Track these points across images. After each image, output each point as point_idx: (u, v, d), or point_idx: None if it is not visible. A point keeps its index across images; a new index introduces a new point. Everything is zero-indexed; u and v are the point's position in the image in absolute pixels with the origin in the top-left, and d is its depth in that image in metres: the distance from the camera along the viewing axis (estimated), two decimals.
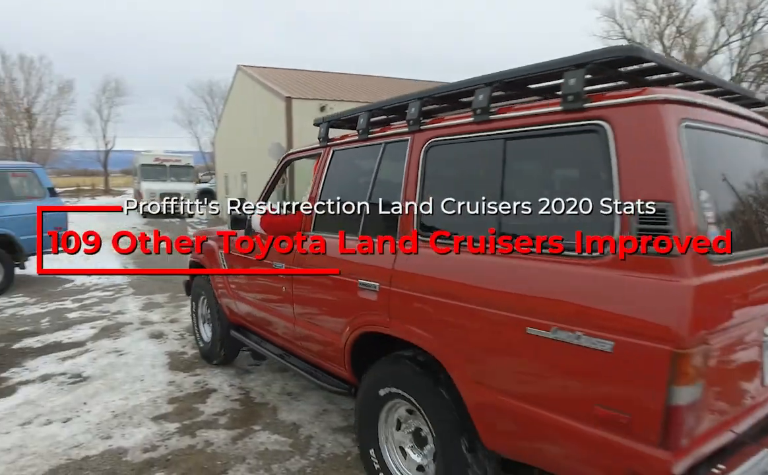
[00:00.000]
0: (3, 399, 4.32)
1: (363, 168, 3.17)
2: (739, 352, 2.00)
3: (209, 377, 4.73)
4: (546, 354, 1.98)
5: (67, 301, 7.69)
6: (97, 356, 5.26)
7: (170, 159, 26.46)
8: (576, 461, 1.99)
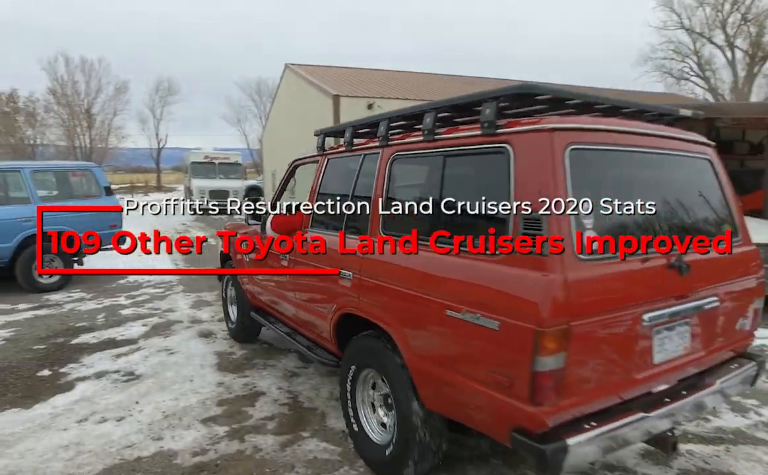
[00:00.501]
0: (62, 394, 4.45)
1: (347, 175, 3.69)
2: (612, 334, 2.40)
3: (258, 379, 4.74)
4: (458, 331, 2.52)
5: (121, 297, 7.92)
6: (149, 355, 5.36)
7: (219, 157, 27.12)
8: (482, 415, 2.54)
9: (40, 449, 3.59)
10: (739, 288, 3.01)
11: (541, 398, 2.21)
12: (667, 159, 2.89)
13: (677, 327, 2.68)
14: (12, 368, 5.06)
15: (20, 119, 43.48)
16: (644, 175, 2.81)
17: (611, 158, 2.61)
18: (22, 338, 5.98)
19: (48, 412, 4.13)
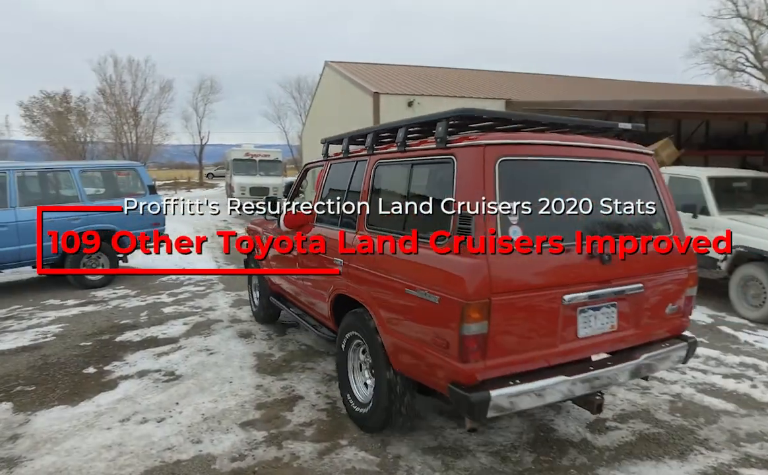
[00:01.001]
0: (106, 393, 4.56)
1: (344, 178, 4.36)
2: (531, 309, 2.93)
3: (296, 383, 4.73)
4: (413, 305, 3.15)
5: (163, 295, 8.09)
6: (189, 354, 5.44)
7: (259, 154, 27.48)
8: (430, 373, 3.12)
9: (84, 447, 3.67)
10: (668, 277, 3.50)
11: (469, 357, 2.81)
12: (600, 166, 3.43)
13: (603, 308, 3.21)
14: (60, 364, 5.22)
15: (72, 118, 45.23)
16: (575, 180, 3.31)
17: (539, 167, 3.18)
18: (69, 334, 6.17)
19: (93, 410, 4.22)
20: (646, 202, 3.50)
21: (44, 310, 7.30)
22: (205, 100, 58.55)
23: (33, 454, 3.62)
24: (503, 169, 2.94)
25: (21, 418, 4.14)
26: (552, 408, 4.22)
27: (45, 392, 4.60)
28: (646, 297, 3.36)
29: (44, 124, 45.04)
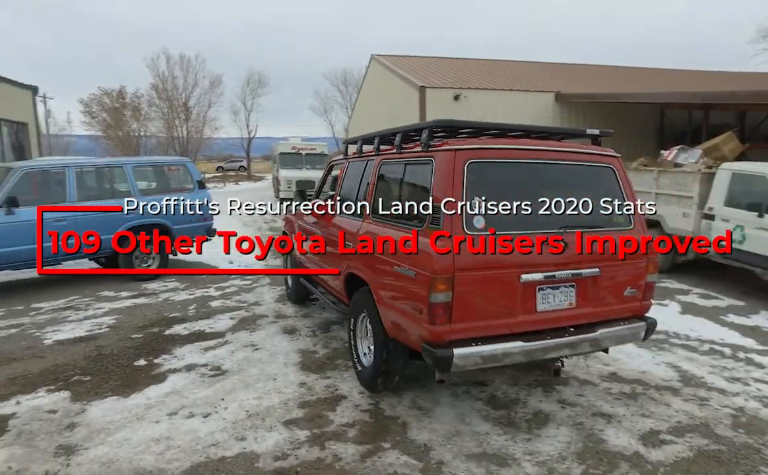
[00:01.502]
0: (155, 385, 4.69)
1: (358, 174, 5.12)
2: (491, 285, 3.53)
3: (339, 382, 4.74)
4: (399, 279, 3.79)
5: (211, 288, 8.28)
6: (235, 349, 5.54)
7: (306, 148, 27.78)
8: (410, 335, 3.75)
9: (135, 439, 3.79)
10: (626, 264, 3.94)
11: (436, 320, 3.44)
12: (564, 167, 3.98)
13: (562, 287, 3.75)
14: (113, 356, 5.41)
15: (127, 114, 46.96)
16: (538, 178, 3.88)
17: (503, 168, 3.79)
18: (122, 326, 6.39)
19: (143, 402, 4.35)
20: (609, 198, 3.99)
21: (99, 301, 7.59)
22: (253, 94, 59.66)
23: (88, 443, 3.77)
24: (471, 169, 3.61)
25: (77, 407, 4.32)
26: (602, 417, 4.09)
27: (99, 382, 4.78)
28: (602, 281, 3.88)
29: (102, 120, 46.89)
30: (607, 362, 5.23)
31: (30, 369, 5.13)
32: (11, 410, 4.30)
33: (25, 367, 5.19)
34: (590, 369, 5.04)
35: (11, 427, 4.04)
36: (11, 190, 7.58)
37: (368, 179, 4.81)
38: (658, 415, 4.15)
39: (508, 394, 4.50)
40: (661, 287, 8.25)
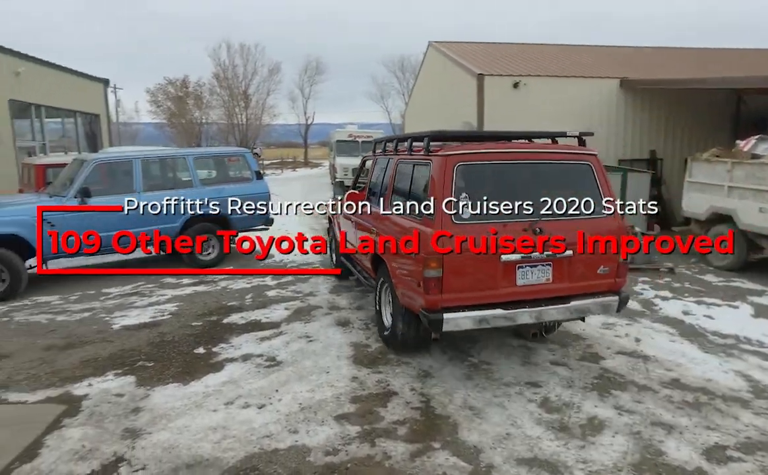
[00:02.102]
0: (213, 374, 4.90)
1: (382, 169, 6.11)
2: (475, 264, 4.31)
3: (391, 377, 4.79)
4: (405, 258, 4.63)
5: (267, 277, 8.51)
6: (290, 340, 5.69)
7: (362, 135, 27.95)
8: (413, 303, 4.58)
9: (194, 427, 3.97)
10: (598, 247, 4.59)
11: (430, 291, 4.29)
12: (543, 165, 4.79)
13: (539, 266, 4.50)
14: (175, 343, 5.68)
15: (190, 102, 48.65)
16: (521, 176, 4.68)
17: (489, 169, 4.63)
18: (183, 313, 6.68)
19: (201, 390, 4.56)
20: (586, 191, 4.70)
21: (163, 288, 7.96)
22: (310, 81, 60.56)
23: (151, 428, 3.98)
24: (459, 170, 4.46)
25: (142, 392, 4.57)
26: (662, 427, 3.95)
27: (162, 369, 5.03)
28: (576, 261, 4.58)
29: (166, 108, 48.77)
30: (669, 366, 5.03)
31: (100, 353, 5.46)
32: (84, 392, 4.61)
33: (96, 350, 5.53)
34: (650, 374, 4.87)
35: (84, 407, 4.32)
36: (84, 181, 8.03)
37: (389, 174, 5.78)
38: (724, 428, 3.96)
39: (561, 397, 4.42)
40: (731, 287, 7.85)
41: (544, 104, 13.51)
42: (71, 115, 17.29)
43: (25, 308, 7.18)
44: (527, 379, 4.76)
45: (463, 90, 15.08)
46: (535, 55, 17.33)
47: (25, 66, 13.97)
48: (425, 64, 21.86)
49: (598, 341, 5.71)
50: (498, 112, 13.37)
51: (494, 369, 4.98)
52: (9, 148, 13.22)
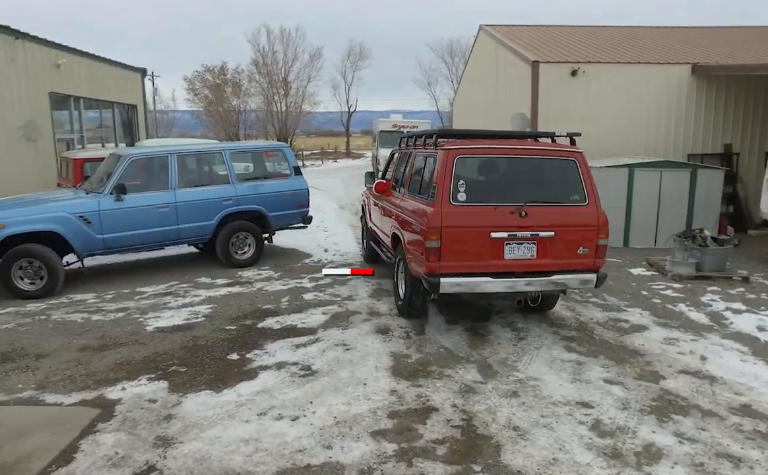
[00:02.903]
0: (246, 382, 5.04)
1: (404, 160, 7.53)
2: (468, 238, 5.59)
3: (431, 391, 4.82)
4: (414, 234, 5.96)
5: (305, 279, 8.67)
6: (326, 348, 5.79)
7: (407, 125, 28.01)
8: (418, 271, 5.91)
9: (225, 438, 4.11)
10: (578, 230, 5.78)
11: (431, 260, 5.56)
12: (533, 160, 6.01)
13: (525, 243, 5.65)
14: (208, 348, 5.87)
15: (228, 90, 49.77)
16: (511, 168, 6.02)
17: (484, 161, 6.13)
18: (217, 316, 6.89)
19: (234, 400, 4.70)
20: (572, 183, 5.92)
21: (197, 288, 8.23)
22: (353, 67, 61.03)
23: (183, 437, 4.14)
24: (458, 162, 5.79)
25: (174, 398, 4.75)
26: (728, 459, 3.83)
27: (194, 374, 5.21)
28: (557, 241, 5.76)
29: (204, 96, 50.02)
30: (740, 390, 4.87)
31: (134, 355, 5.70)
32: (117, 396, 4.83)
33: (130, 353, 5.78)
34: (717, 398, 4.73)
35: (117, 412, 4.53)
36: (120, 177, 8.37)
37: (408, 165, 7.27)
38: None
39: (615, 420, 4.35)
40: None
41: (604, 94, 13.22)
42: (109, 106, 17.98)
43: (62, 306, 7.55)
44: (578, 398, 4.70)
45: (517, 78, 14.90)
46: (595, 38, 16.93)
47: (66, 57, 14.62)
48: (476, 50, 21.67)
49: (658, 358, 5.58)
50: (554, 103, 13.16)
51: (542, 386, 4.94)
52: (48, 142, 13.88)
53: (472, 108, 22.27)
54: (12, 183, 12.05)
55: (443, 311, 7.05)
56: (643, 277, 9.03)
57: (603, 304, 7.46)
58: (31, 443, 4.07)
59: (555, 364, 5.43)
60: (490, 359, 5.57)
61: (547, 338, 6.15)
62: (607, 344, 5.99)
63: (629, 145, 13.26)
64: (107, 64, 17.55)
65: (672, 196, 11.33)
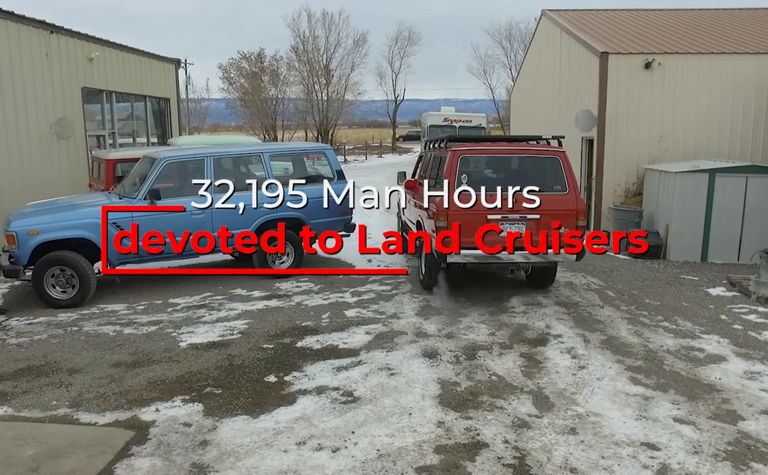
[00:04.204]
0: (285, 408, 5.26)
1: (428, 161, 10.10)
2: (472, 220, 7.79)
3: (482, 424, 4.92)
4: (428, 217, 8.50)
5: (347, 293, 8.89)
6: (369, 372, 5.97)
7: (460, 119, 28.12)
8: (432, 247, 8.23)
9: (263, 468, 4.32)
10: (559, 214, 7.88)
11: (440, 235, 7.85)
12: (524, 158, 8.72)
13: (516, 224, 7.87)
14: (244, 368, 6.13)
15: (265, 79, 50.77)
16: (505, 165, 8.61)
17: (484, 160, 8.82)
18: (254, 333, 7.17)
19: (272, 427, 4.91)
20: (555, 177, 8.18)
21: (232, 300, 8.55)
22: (401, 53, 61.23)
23: (218, 465, 4.38)
24: (462, 160, 8.13)
25: (210, 423, 5.00)
26: None
27: (230, 397, 5.47)
28: (541, 222, 7.81)
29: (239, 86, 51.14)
30: None
31: (167, 374, 6.01)
32: (151, 417, 5.12)
33: (163, 371, 6.09)
34: None
35: (152, 435, 4.82)
36: (154, 182, 8.76)
37: (429, 164, 9.86)
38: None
39: (685, 465, 4.34)
40: None
41: (682, 89, 12.99)
42: (141, 99, 18.69)
43: (93, 316, 7.98)
44: (643, 438, 4.72)
45: (583, 70, 14.82)
46: (673, 24, 16.63)
47: (98, 50, 15.29)
48: (537, 37, 21.56)
49: (737, 395, 5.53)
50: (624, 100, 13.07)
51: (603, 422, 4.98)
52: (80, 139, 14.54)
53: (532, 102, 22.16)
54: (45, 184, 12.70)
55: (496, 333, 7.14)
56: (723, 298, 8.88)
57: (675, 329, 7.40)
58: (67, 464, 4.38)
59: (619, 398, 5.45)
60: (547, 389, 5.63)
61: (611, 367, 6.16)
62: (679, 377, 5.96)
63: (710, 148, 13.01)
64: (140, 56, 18.22)
65: (760, 205, 11.09)
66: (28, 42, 12.72)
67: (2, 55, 11.91)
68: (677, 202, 11.48)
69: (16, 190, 11.81)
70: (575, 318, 7.82)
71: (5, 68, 11.98)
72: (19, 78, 12.40)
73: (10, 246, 8.32)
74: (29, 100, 12.74)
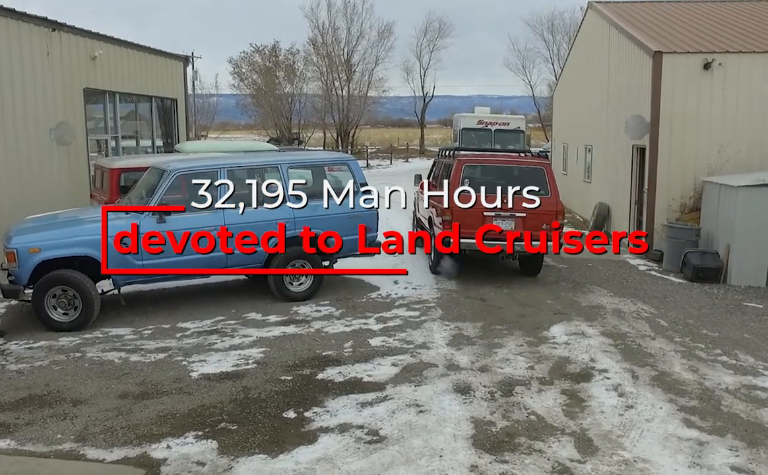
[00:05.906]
0: (305, 447, 5.45)
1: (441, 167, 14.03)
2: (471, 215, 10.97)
3: (519, 469, 5.06)
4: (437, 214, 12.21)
5: (371, 319, 9.08)
6: (396, 409, 6.14)
7: (496, 122, 28.10)
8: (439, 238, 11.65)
9: None
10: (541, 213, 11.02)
11: (444, 227, 11.36)
12: (515, 167, 12.51)
13: (508, 219, 11.30)
14: (261, 402, 6.34)
15: (280, 75, 51.37)
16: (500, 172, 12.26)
17: (483, 168, 12.76)
18: (270, 362, 7.39)
19: (291, 468, 5.11)
20: (539, 182, 11.20)
21: (246, 326, 8.79)
22: (431, 46, 61.55)
23: None
24: (466, 167, 11.97)
25: (225, 462, 5.21)
26: None
27: (246, 434, 5.67)
28: (528, 218, 11.09)
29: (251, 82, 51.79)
30: None
31: (178, 407, 6.24)
32: (162, 455, 5.34)
33: (174, 404, 6.32)
34: None
35: None
36: (163, 195, 9.04)
37: (441, 170, 13.32)
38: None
39: None
40: None
41: (747, 93, 12.98)
42: (146, 100, 19.16)
43: (97, 341, 8.26)
44: None
45: (635, 70, 14.88)
46: (736, 17, 16.60)
47: (102, 48, 15.75)
48: (583, 31, 21.66)
49: None
50: (681, 104, 13.12)
51: (653, 470, 5.08)
52: (81, 144, 14.96)
53: (576, 103, 22.21)
54: (43, 194, 13.06)
55: (535, 367, 7.26)
56: None
57: (735, 365, 7.46)
58: None
59: (670, 442, 5.54)
60: (591, 431, 5.74)
61: (662, 407, 6.25)
62: (738, 419, 6.03)
63: None
64: (146, 53, 18.69)
65: None
66: (29, 41, 13.17)
67: (2, 56, 12.36)
68: (740, 220, 11.48)
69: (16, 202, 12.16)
70: (623, 351, 7.91)
71: (5, 70, 12.42)
72: (19, 80, 12.84)
73: (10, 264, 8.62)
74: (29, 104, 13.18)
